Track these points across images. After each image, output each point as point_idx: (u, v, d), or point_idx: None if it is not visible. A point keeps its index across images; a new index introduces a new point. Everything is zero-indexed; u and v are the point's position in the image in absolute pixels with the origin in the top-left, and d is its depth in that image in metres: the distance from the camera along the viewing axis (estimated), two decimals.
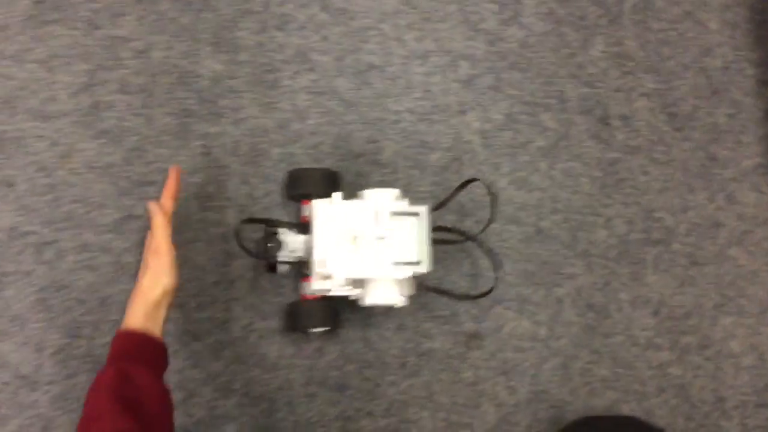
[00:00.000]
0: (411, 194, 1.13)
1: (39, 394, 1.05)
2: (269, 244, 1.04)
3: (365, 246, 0.99)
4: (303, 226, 1.06)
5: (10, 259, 1.08)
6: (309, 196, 1.06)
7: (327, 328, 1.08)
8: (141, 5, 1.17)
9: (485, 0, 1.28)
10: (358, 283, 1.02)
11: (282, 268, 1.07)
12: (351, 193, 1.04)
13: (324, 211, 1.00)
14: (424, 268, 1.00)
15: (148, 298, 0.88)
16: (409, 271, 0.99)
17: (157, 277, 0.89)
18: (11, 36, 1.14)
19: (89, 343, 1.07)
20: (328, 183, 1.09)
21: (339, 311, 1.10)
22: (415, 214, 1.01)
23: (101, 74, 1.15)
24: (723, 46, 1.34)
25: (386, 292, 1.01)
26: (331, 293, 1.04)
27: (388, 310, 1.14)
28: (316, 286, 1.02)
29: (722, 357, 1.22)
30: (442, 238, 1.11)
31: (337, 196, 1.01)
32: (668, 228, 1.24)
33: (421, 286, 1.08)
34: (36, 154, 1.11)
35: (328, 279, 1.00)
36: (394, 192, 1.03)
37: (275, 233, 1.06)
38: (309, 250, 1.02)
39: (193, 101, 1.16)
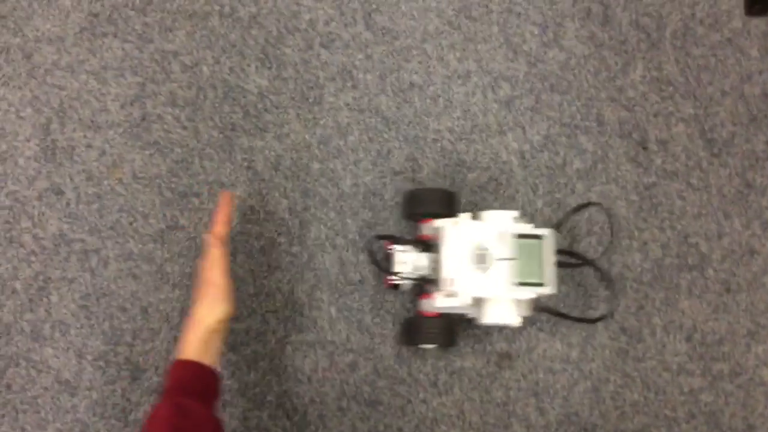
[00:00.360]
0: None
1: (78, 399, 1.01)
2: (394, 262, 1.02)
3: (491, 266, 0.97)
4: (425, 245, 1.03)
5: (55, 266, 1.04)
6: (428, 216, 1.05)
7: (448, 347, 1.06)
8: (191, 21, 1.13)
9: (527, 22, 1.22)
10: (477, 301, 0.99)
11: (405, 285, 1.03)
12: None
13: (451, 231, 0.98)
14: (549, 290, 0.98)
15: (203, 327, 0.84)
16: (533, 293, 0.98)
17: (213, 306, 0.85)
18: (66, 47, 1.11)
19: (129, 350, 1.03)
20: (446, 203, 1.07)
21: (455, 329, 1.06)
22: (540, 237, 0.99)
23: (151, 87, 1.11)
24: (763, 73, 1.26)
25: (504, 311, 0.99)
26: (451, 311, 1.01)
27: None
28: (439, 303, 0.99)
29: (754, 385, 1.14)
30: (560, 260, 1.06)
31: (464, 216, 1.00)
32: (703, 254, 1.17)
33: (537, 306, 1.03)
34: (85, 163, 1.07)
35: (451, 297, 0.97)
36: (513, 213, 1.01)
37: (399, 251, 1.02)
38: (434, 268, 1.00)
39: (238, 115, 1.11)
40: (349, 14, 1.18)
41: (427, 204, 1.06)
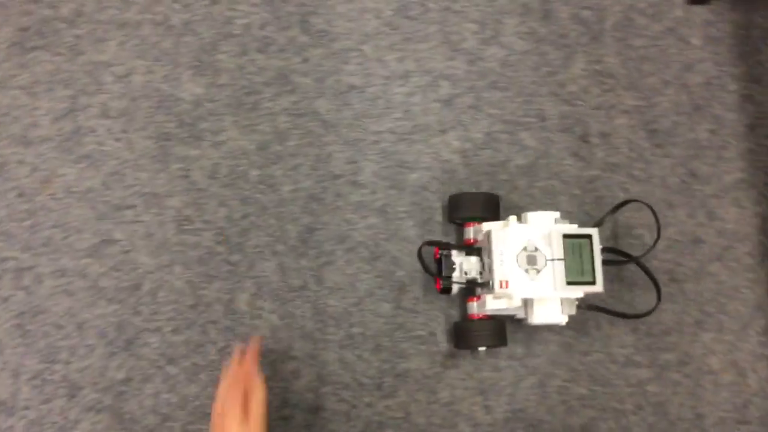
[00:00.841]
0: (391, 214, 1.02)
1: (15, 419, 0.97)
2: (446, 266, 0.99)
3: (542, 267, 0.96)
4: (471, 248, 1.01)
5: None
6: (471, 219, 1.05)
7: (498, 347, 1.05)
8: (123, 30, 1.08)
9: (466, 20, 1.16)
10: (524, 302, 0.99)
11: (455, 289, 1.00)
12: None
13: (501, 234, 0.97)
14: (598, 288, 0.96)
15: None
16: (583, 292, 0.97)
17: None
18: None
19: (66, 368, 0.98)
20: (490, 206, 1.06)
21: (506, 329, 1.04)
22: (587, 236, 0.98)
23: (83, 99, 1.05)
24: (705, 62, 1.20)
25: (551, 311, 0.98)
26: (500, 313, 1.00)
27: (364, 331, 1.02)
28: (491, 305, 0.98)
29: (702, 374, 1.10)
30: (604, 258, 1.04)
31: (512, 219, 0.99)
32: (648, 245, 1.11)
33: (581, 304, 1.01)
34: (16, 179, 1.01)
35: (502, 299, 0.97)
36: (555, 214, 1.00)
37: (448, 255, 1.00)
38: (483, 271, 0.99)
39: (173, 125, 1.06)
40: (285, 18, 1.11)
41: (471, 208, 1.05)
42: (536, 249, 0.96)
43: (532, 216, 1.00)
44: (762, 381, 1.10)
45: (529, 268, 0.96)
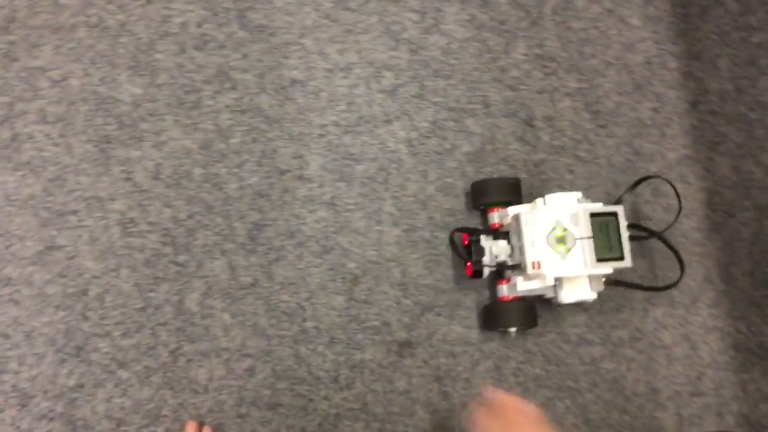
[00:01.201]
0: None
1: None
2: (476, 251, 1.03)
3: (571, 246, 0.99)
4: (498, 233, 1.05)
5: None
6: (495, 205, 1.08)
7: (529, 328, 1.08)
8: (57, 34, 1.06)
9: (406, 9, 1.16)
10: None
11: (486, 272, 1.03)
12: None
13: (530, 216, 1.00)
14: (627, 263, 0.99)
15: None
16: (611, 268, 0.99)
17: None
18: None
19: (15, 378, 0.97)
20: (513, 191, 1.08)
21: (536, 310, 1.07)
22: (613, 214, 1.01)
23: (19, 106, 1.04)
24: (645, 41, 1.23)
25: (581, 288, 1.02)
26: (530, 293, 1.04)
27: (318, 325, 1.03)
28: (522, 286, 1.02)
29: (654, 348, 1.12)
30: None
31: (539, 201, 1.02)
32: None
33: (608, 280, 1.05)
34: None
35: (533, 280, 1.00)
36: (577, 194, 1.03)
37: (477, 240, 1.03)
38: (513, 254, 1.02)
39: (113, 127, 1.05)
40: (222, 14, 1.11)
41: (495, 193, 1.08)
42: (565, 229, 0.99)
43: (555, 197, 1.02)
44: (714, 353, 1.13)
45: (559, 248, 0.98)
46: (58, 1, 1.08)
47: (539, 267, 0.97)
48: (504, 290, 1.06)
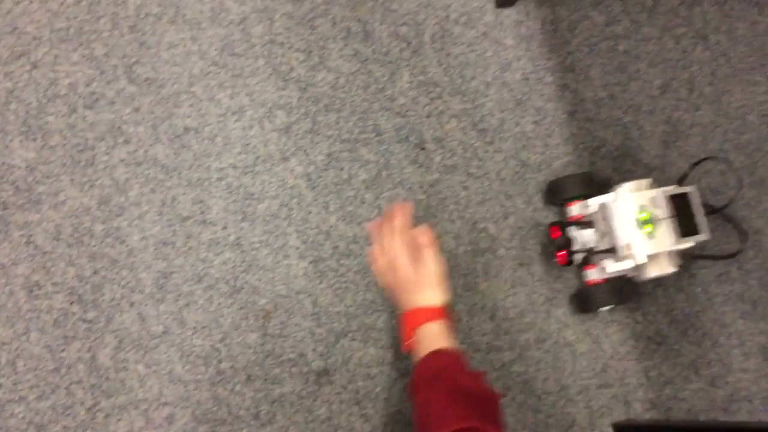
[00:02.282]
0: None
1: None
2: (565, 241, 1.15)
3: (656, 226, 1.09)
4: (584, 223, 1.16)
5: None
6: (573, 198, 1.20)
7: (620, 305, 1.20)
8: None
9: (291, 50, 1.22)
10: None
11: (576, 259, 1.15)
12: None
13: (616, 204, 1.10)
14: (705, 236, 1.12)
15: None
16: (693, 242, 1.11)
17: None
18: None
19: None
20: (588, 184, 1.20)
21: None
22: (688, 193, 1.13)
23: None
24: (521, 59, 1.31)
25: (663, 264, 1.12)
26: (617, 274, 1.14)
27: (234, 364, 1.06)
28: (612, 268, 1.12)
29: (560, 347, 1.19)
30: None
31: (622, 189, 1.12)
32: (493, 236, 1.21)
33: (686, 255, 1.16)
34: None
35: (621, 261, 1.10)
36: (648, 180, 1.14)
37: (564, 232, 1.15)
38: (603, 240, 1.13)
39: (8, 193, 1.06)
40: (110, 71, 1.14)
41: (572, 188, 1.20)
42: (648, 212, 1.09)
43: (630, 185, 1.13)
44: (615, 344, 1.21)
45: (645, 229, 1.09)
46: None
47: (630, 249, 1.08)
48: (593, 274, 1.18)
